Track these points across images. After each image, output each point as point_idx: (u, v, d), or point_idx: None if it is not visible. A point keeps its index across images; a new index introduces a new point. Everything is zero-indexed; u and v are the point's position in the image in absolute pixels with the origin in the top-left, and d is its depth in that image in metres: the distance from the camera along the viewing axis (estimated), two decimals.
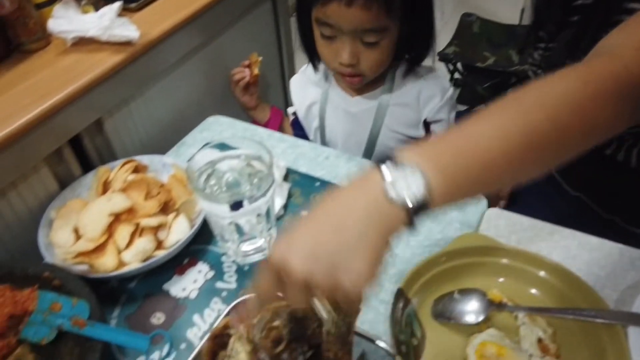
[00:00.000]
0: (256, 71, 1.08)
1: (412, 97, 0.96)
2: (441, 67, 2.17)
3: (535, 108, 0.44)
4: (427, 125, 0.99)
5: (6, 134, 0.68)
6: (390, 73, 0.95)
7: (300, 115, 1.09)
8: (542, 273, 0.60)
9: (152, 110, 0.95)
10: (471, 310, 0.59)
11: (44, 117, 0.73)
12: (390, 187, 0.40)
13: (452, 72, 2.24)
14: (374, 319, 0.64)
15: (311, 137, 1.08)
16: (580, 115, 0.44)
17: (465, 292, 0.61)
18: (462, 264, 0.63)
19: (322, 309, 0.46)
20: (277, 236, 0.75)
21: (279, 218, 0.79)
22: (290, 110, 1.17)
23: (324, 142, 1.07)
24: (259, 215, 0.68)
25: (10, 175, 0.71)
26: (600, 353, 0.54)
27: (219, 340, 0.55)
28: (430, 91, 0.96)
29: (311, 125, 1.08)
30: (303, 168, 0.88)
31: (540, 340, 0.56)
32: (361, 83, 0.93)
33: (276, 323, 0.50)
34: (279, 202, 0.80)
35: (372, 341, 0.57)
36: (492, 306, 0.59)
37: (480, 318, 0.58)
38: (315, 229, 0.42)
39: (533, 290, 0.61)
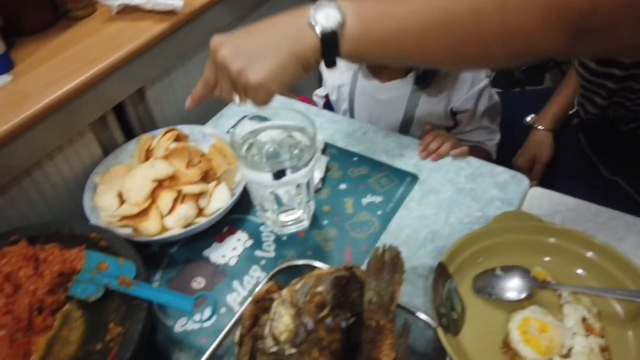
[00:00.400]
0: None
1: (445, 88, 0.94)
2: None
3: None
4: (453, 114, 0.97)
5: (55, 99, 0.69)
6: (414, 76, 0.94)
7: (332, 97, 1.09)
8: (589, 254, 0.59)
9: (192, 81, 0.94)
10: (513, 287, 0.59)
11: (90, 84, 0.74)
12: (312, 15, 0.49)
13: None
14: (411, 293, 0.64)
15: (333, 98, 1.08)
16: (504, 14, 0.45)
17: (508, 269, 0.60)
18: (506, 241, 0.62)
19: (237, 98, 0.56)
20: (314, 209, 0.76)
21: (316, 191, 0.80)
22: (318, 92, 1.17)
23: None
24: (298, 186, 0.68)
25: (57, 139, 0.73)
26: None
27: (261, 304, 0.56)
28: (461, 78, 0.94)
29: (340, 107, 1.08)
30: (341, 143, 0.88)
31: (584, 319, 0.55)
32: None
33: (320, 289, 0.51)
34: (317, 175, 0.80)
35: (412, 313, 0.58)
36: (536, 283, 0.58)
37: (523, 295, 0.58)
38: (246, 34, 0.53)
39: (579, 271, 0.60)
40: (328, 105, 1.12)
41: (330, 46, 0.49)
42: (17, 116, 0.66)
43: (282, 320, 0.51)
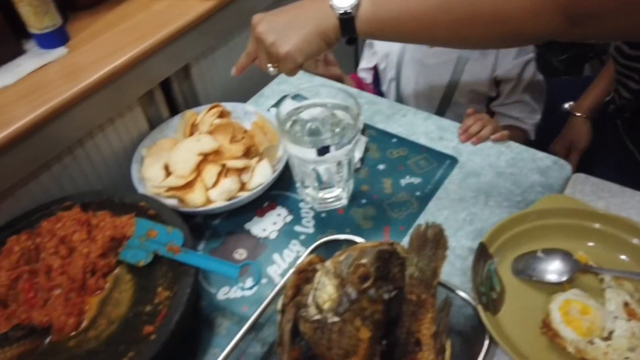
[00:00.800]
0: None
1: (492, 53, 0.95)
2: None
3: None
4: (497, 83, 0.98)
5: (107, 72, 0.72)
6: None
7: (380, 66, 1.09)
8: (635, 240, 0.59)
9: (234, 60, 0.96)
10: (554, 269, 0.59)
11: (140, 59, 0.76)
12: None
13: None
14: (449, 272, 0.65)
15: (384, 88, 1.08)
16: None
17: (550, 252, 0.60)
18: (548, 225, 0.62)
19: (272, 68, 0.64)
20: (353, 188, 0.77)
21: (355, 170, 0.81)
22: (363, 66, 1.16)
23: (398, 95, 1.07)
24: (339, 163, 0.70)
25: (108, 111, 0.75)
26: None
27: (303, 275, 0.58)
28: (505, 50, 0.94)
29: (387, 76, 1.08)
30: (380, 124, 0.88)
31: (626, 304, 0.55)
32: None
33: (363, 261, 0.52)
34: (357, 155, 0.81)
35: (452, 290, 0.59)
36: (578, 266, 0.58)
37: (564, 277, 0.58)
38: (279, 13, 0.61)
39: (623, 257, 0.60)
40: (375, 78, 1.13)
41: (347, 25, 0.57)
42: (72, 87, 0.69)
43: (325, 290, 0.53)
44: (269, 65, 0.63)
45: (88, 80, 0.70)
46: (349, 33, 0.58)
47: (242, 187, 0.76)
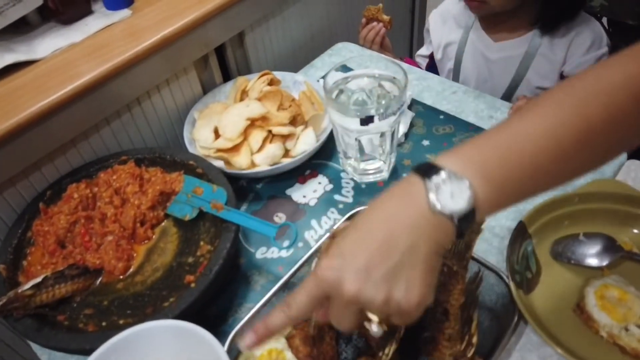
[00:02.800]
0: (386, 17, 0.99)
1: (562, 47, 0.90)
2: None
3: (591, 98, 0.39)
4: (563, 78, 0.93)
5: (166, 34, 0.75)
6: (540, 20, 0.89)
7: (437, 56, 1.07)
8: None
9: (287, 30, 0.99)
10: (595, 253, 0.57)
11: (197, 24, 0.79)
12: (434, 198, 0.38)
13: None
14: (486, 250, 0.64)
15: (444, 77, 1.06)
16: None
17: (592, 236, 0.59)
18: (592, 209, 0.60)
19: (376, 326, 0.43)
20: (393, 164, 0.77)
21: (399, 145, 0.81)
22: (421, 52, 1.15)
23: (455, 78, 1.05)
24: (382, 135, 0.70)
25: (166, 72, 0.79)
26: None
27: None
28: (580, 40, 0.89)
29: (445, 67, 1.06)
30: (428, 100, 0.88)
31: None
32: (481, 11, 0.88)
33: None
34: (401, 130, 0.81)
35: (485, 266, 0.58)
36: (621, 252, 0.56)
37: (605, 262, 0.56)
38: (365, 246, 0.40)
39: None
40: (432, 66, 1.11)
41: (467, 223, 0.40)
42: (133, 47, 0.72)
43: None
44: (373, 326, 0.43)
45: (148, 41, 0.73)
46: (466, 228, 0.40)
47: (286, 153, 0.78)
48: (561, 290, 0.56)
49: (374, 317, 0.42)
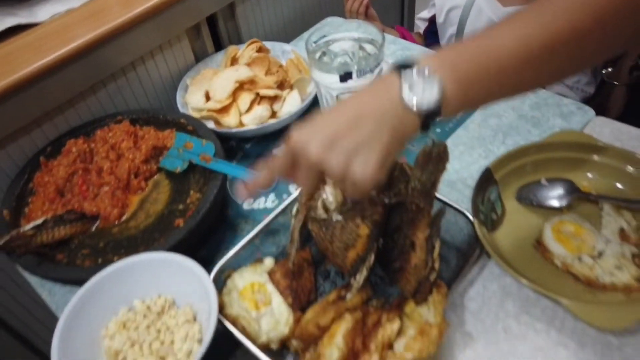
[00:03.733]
0: None
1: None
2: None
3: (558, 14, 0.43)
4: None
5: (159, 2, 0.79)
6: None
7: (439, 20, 1.09)
8: (629, 168, 0.61)
9: (277, 5, 1.03)
10: (556, 195, 0.62)
11: None
12: (406, 91, 0.42)
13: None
14: (458, 199, 0.68)
15: (443, 42, 1.09)
16: (603, 30, 0.43)
17: (553, 180, 0.63)
18: (554, 157, 0.65)
19: (329, 192, 0.48)
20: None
21: None
22: (422, 15, 1.18)
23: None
24: None
25: (159, 39, 0.83)
26: None
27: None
28: None
29: (446, 32, 1.08)
30: None
31: (621, 230, 0.57)
32: None
33: None
34: None
35: (449, 205, 0.62)
36: (578, 193, 0.60)
37: (564, 202, 0.60)
38: (334, 121, 0.44)
39: (619, 185, 0.62)
40: (431, 31, 1.13)
41: (432, 118, 0.44)
42: (127, 13, 0.77)
43: (332, 193, 0.58)
44: (328, 188, 0.50)
45: (142, 7, 0.77)
46: (431, 124, 0.44)
47: (273, 114, 0.82)
48: (523, 228, 0.61)
49: (329, 185, 0.48)
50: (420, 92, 0.42)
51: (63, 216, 0.67)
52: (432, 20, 1.12)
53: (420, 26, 1.16)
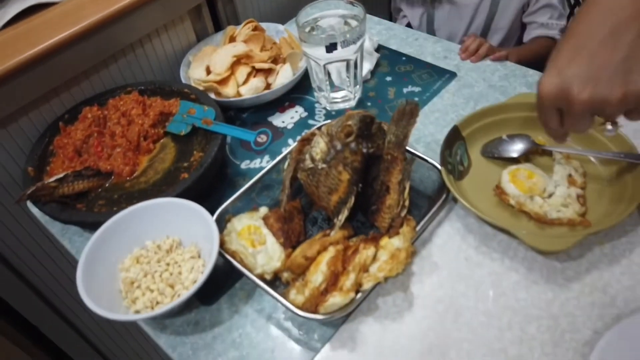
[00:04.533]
0: None
1: None
2: None
3: None
4: None
5: None
6: None
7: (415, 24, 1.20)
8: None
9: None
10: (515, 148, 0.70)
11: None
12: None
13: (572, 7, 2.13)
14: (431, 155, 0.76)
15: (415, 23, 1.18)
16: None
17: (513, 136, 0.71)
18: (515, 117, 0.73)
19: (610, 126, 0.48)
20: (361, 93, 0.90)
21: (365, 81, 0.93)
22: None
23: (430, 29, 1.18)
24: (347, 65, 0.83)
25: (164, 18, 0.91)
26: (622, 187, 0.63)
27: (306, 142, 0.72)
28: None
29: (416, 13, 1.18)
30: (393, 46, 1.00)
31: (570, 176, 0.66)
32: None
33: (349, 122, 0.66)
34: (367, 67, 0.94)
35: (419, 157, 0.71)
36: (534, 145, 0.69)
37: (522, 153, 0.69)
38: (582, 52, 0.40)
39: (568, 138, 0.70)
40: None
41: None
42: None
43: (318, 145, 0.67)
44: (608, 125, 0.47)
45: None
46: None
47: (268, 86, 0.90)
48: (485, 177, 0.69)
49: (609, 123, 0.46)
50: None
51: (81, 172, 0.75)
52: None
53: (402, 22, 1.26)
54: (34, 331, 1.07)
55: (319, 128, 0.70)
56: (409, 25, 1.23)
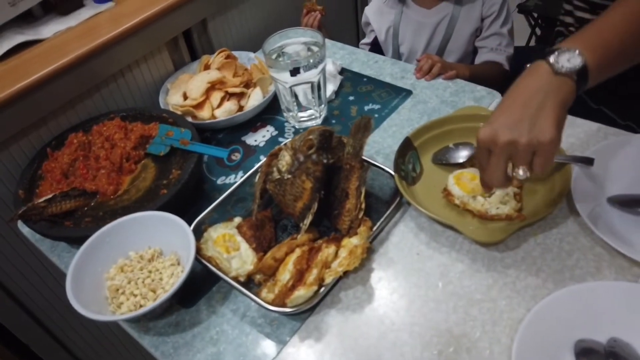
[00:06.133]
0: (319, 7, 1.24)
1: (478, 2, 1.18)
2: (521, 20, 2.22)
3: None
4: (482, 20, 1.20)
5: (143, 18, 0.96)
6: None
7: (381, 39, 1.30)
8: None
9: (244, 20, 1.21)
10: (460, 155, 0.79)
11: (168, 10, 1.00)
12: (556, 64, 0.54)
13: (533, 27, 2.27)
14: (389, 165, 0.85)
15: (390, 56, 1.29)
16: None
17: (459, 144, 0.80)
18: (460, 127, 0.82)
19: (522, 170, 0.57)
20: (326, 112, 0.98)
21: (330, 101, 1.02)
22: (364, 41, 1.38)
23: (399, 56, 1.28)
24: (312, 87, 0.91)
25: (143, 50, 1.00)
26: (552, 184, 0.71)
27: (274, 156, 0.80)
28: None
29: (389, 47, 1.29)
30: (356, 68, 1.09)
31: None
32: None
33: (311, 136, 0.73)
34: (331, 88, 1.02)
35: (374, 165, 0.79)
36: None
37: (466, 159, 0.78)
38: (507, 111, 0.56)
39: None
40: (374, 51, 1.34)
41: (583, 81, 0.55)
42: (116, 29, 0.93)
43: (284, 158, 0.75)
44: (520, 170, 0.57)
45: (127, 24, 0.94)
46: (583, 88, 0.56)
47: (241, 109, 0.98)
48: (436, 183, 0.77)
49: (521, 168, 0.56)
50: (566, 62, 0.54)
51: (68, 192, 0.82)
52: (373, 43, 1.33)
53: (365, 49, 1.36)
54: (24, 349, 1.11)
55: (285, 144, 0.77)
56: (376, 38, 1.33)
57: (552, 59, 0.55)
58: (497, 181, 0.59)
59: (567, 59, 0.55)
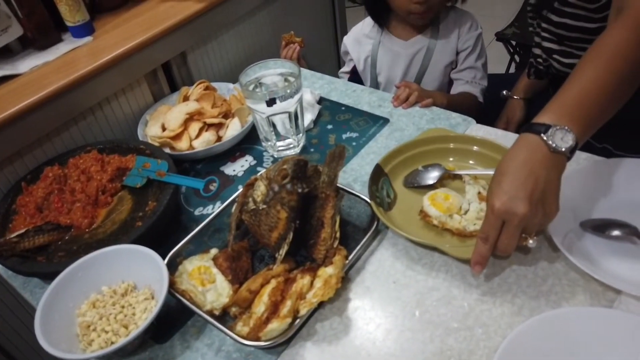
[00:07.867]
0: (298, 39, 1.27)
1: (454, 33, 1.20)
2: (500, 47, 2.27)
3: (613, 58, 0.63)
4: (457, 54, 1.23)
5: (122, 52, 0.97)
6: (435, 19, 1.20)
7: (360, 68, 1.32)
8: (475, 148, 0.82)
9: (224, 52, 1.22)
10: (430, 176, 0.80)
11: (147, 44, 1.01)
12: (553, 145, 0.60)
13: (512, 54, 2.33)
14: (361, 190, 0.85)
15: (368, 85, 1.31)
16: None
17: (427, 166, 0.82)
18: (427, 150, 0.84)
19: (532, 240, 0.63)
20: (304, 141, 0.99)
21: (309, 130, 1.03)
22: (342, 70, 1.40)
23: (377, 84, 1.30)
24: (289, 116, 0.92)
25: (122, 83, 1.00)
26: None
27: (250, 187, 0.80)
28: (463, 25, 1.20)
29: (368, 76, 1.31)
30: (334, 97, 1.11)
31: (479, 193, 0.75)
32: (429, 18, 1.17)
33: (285, 166, 0.74)
34: (309, 117, 1.03)
35: (349, 192, 0.80)
36: (445, 171, 0.79)
37: (436, 180, 0.79)
38: (517, 181, 0.60)
39: (471, 162, 0.83)
40: (353, 80, 1.36)
41: (573, 152, 0.61)
42: (94, 63, 0.94)
43: (259, 188, 0.75)
44: (530, 240, 0.63)
45: (106, 58, 0.95)
46: (572, 156, 0.62)
47: (219, 139, 0.99)
48: (410, 205, 0.78)
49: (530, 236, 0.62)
50: (560, 141, 0.60)
51: (42, 226, 0.81)
52: (353, 72, 1.35)
53: (344, 77, 1.39)
54: None
55: (261, 174, 0.77)
56: (354, 68, 1.35)
57: (545, 137, 0.60)
58: (512, 249, 0.62)
59: (560, 137, 0.60)
